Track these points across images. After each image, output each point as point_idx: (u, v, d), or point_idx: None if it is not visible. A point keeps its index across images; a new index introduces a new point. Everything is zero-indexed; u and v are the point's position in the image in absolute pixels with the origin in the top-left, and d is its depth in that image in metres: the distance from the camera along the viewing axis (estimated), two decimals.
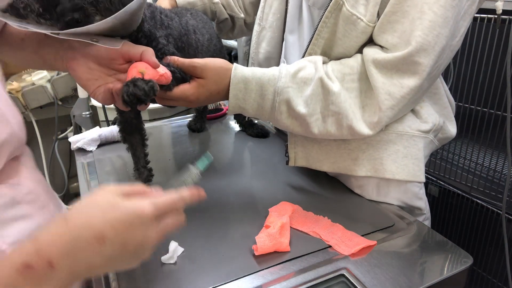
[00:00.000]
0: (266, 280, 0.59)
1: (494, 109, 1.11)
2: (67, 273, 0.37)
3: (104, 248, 0.39)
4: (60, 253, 0.37)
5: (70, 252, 0.37)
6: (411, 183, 0.78)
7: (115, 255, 0.40)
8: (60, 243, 0.37)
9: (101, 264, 0.39)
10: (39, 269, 0.35)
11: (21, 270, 0.35)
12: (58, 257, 0.37)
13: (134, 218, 0.40)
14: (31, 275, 0.35)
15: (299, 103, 0.70)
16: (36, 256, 0.36)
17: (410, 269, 0.61)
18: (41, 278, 0.36)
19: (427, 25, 0.62)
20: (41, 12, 0.56)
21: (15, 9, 0.56)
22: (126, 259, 0.42)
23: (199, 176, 0.59)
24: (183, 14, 0.83)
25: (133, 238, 0.40)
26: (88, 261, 0.38)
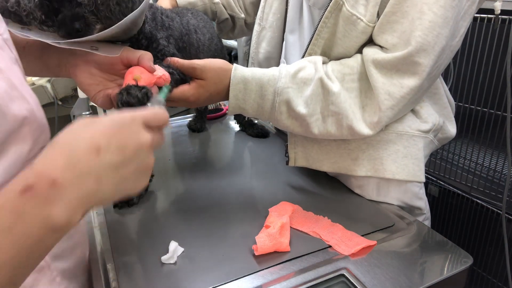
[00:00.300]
0: (266, 280, 0.59)
1: (494, 109, 1.11)
2: (75, 190, 0.35)
3: (102, 156, 0.37)
4: (59, 169, 0.35)
5: (69, 166, 0.35)
6: (411, 183, 0.78)
7: (117, 162, 0.38)
8: (57, 160, 0.35)
9: (107, 176, 0.38)
10: (41, 189, 0.34)
11: (23, 192, 0.33)
12: (59, 174, 0.35)
13: (122, 121, 0.40)
14: (34, 196, 0.33)
15: (299, 104, 0.70)
16: (35, 177, 0.34)
17: (410, 269, 0.61)
18: (46, 198, 0.34)
19: (427, 25, 0.62)
20: (44, 20, 0.57)
21: (18, 16, 0.56)
22: (131, 166, 0.40)
23: (163, 106, 0.58)
24: (184, 14, 0.83)
25: (128, 140, 0.40)
26: (93, 174, 0.37)
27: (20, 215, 0.33)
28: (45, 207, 0.34)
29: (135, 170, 0.40)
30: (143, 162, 0.41)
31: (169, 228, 0.72)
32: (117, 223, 0.74)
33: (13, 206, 0.33)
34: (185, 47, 0.77)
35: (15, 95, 0.40)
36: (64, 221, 0.35)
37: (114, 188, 0.39)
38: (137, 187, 0.42)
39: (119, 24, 0.56)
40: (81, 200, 0.36)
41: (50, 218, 0.34)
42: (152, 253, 0.65)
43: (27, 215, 0.33)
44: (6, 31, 0.46)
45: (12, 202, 0.33)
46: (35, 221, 0.34)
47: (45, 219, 0.34)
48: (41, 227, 0.34)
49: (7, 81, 0.40)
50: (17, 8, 0.55)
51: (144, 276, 0.60)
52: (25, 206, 0.33)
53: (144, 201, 0.81)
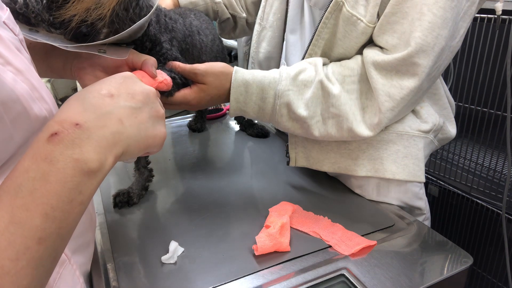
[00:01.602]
0: (266, 280, 0.59)
1: (494, 109, 1.11)
2: (100, 129, 0.37)
3: (116, 100, 0.39)
4: (79, 113, 0.36)
5: (88, 109, 0.37)
6: (411, 183, 0.78)
7: (131, 105, 0.41)
8: (75, 107, 0.37)
9: (127, 114, 0.40)
10: (66, 133, 0.35)
11: (50, 139, 0.34)
12: (80, 117, 0.36)
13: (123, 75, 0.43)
14: (61, 140, 0.34)
15: (299, 106, 0.70)
16: (58, 124, 0.35)
17: (410, 269, 0.61)
18: (73, 141, 0.35)
19: (427, 26, 0.62)
20: (52, 22, 0.57)
21: (26, 18, 0.56)
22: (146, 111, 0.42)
23: None
24: (187, 15, 0.83)
25: (134, 88, 0.43)
26: (113, 114, 0.38)
27: (51, 162, 0.33)
28: (74, 150, 0.34)
29: (150, 116, 0.43)
30: (154, 109, 0.44)
31: (169, 228, 0.72)
32: (117, 223, 0.74)
33: (43, 155, 0.33)
34: (188, 48, 0.77)
35: (36, 96, 0.41)
36: (96, 163, 0.35)
37: (137, 130, 0.41)
38: (156, 134, 0.44)
39: (128, 30, 0.56)
40: (109, 140, 0.37)
41: (82, 160, 0.35)
42: (152, 253, 0.65)
43: (58, 160, 0.33)
44: (21, 32, 0.47)
45: (41, 151, 0.33)
46: (68, 166, 0.34)
47: (76, 161, 0.34)
48: (74, 171, 0.34)
49: (28, 83, 0.40)
50: (26, 9, 0.56)
51: (144, 276, 0.60)
52: (54, 152, 0.34)
53: (144, 201, 0.81)
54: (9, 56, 0.39)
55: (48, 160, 0.33)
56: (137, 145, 0.41)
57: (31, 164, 0.33)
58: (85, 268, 0.54)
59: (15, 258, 0.30)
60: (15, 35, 0.44)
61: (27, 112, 0.39)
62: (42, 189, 0.32)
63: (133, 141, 0.40)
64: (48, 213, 0.32)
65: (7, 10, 0.45)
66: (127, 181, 0.88)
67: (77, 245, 0.50)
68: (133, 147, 0.41)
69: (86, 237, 0.54)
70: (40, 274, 0.32)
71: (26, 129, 0.39)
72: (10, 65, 0.39)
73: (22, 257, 0.30)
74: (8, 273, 0.29)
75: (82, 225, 0.51)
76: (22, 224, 0.31)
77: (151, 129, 0.43)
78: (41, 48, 0.64)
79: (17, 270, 0.30)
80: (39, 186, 0.32)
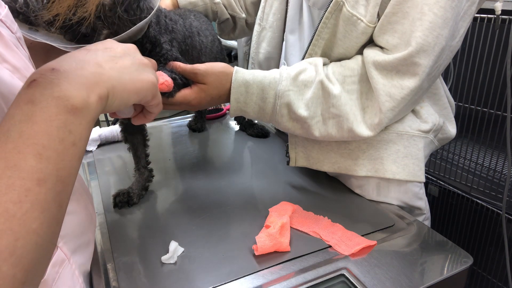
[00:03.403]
0: (266, 280, 0.59)
1: (494, 109, 1.11)
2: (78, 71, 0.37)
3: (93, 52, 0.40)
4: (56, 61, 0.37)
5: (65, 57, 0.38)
6: (411, 183, 0.78)
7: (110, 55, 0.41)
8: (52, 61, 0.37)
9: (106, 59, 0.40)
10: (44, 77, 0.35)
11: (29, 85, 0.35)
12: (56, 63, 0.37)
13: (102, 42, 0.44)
14: (39, 84, 0.35)
15: (300, 106, 0.70)
16: (36, 74, 0.35)
17: (410, 269, 0.61)
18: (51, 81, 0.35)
19: (427, 26, 0.62)
20: (52, 21, 0.57)
21: (26, 17, 0.56)
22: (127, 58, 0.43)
23: None
24: (186, 16, 0.83)
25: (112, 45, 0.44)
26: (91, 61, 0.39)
27: (33, 103, 0.33)
28: (53, 89, 0.35)
29: (132, 63, 0.43)
30: (136, 58, 0.44)
31: (169, 228, 0.72)
32: (117, 223, 0.74)
33: (24, 98, 0.34)
34: (188, 49, 0.77)
35: None
36: (78, 99, 0.35)
37: (118, 73, 0.41)
38: (144, 79, 0.44)
39: (128, 32, 0.56)
40: (88, 78, 0.37)
41: (63, 97, 0.35)
42: (152, 253, 0.65)
43: (40, 101, 0.34)
44: (19, 30, 0.47)
45: (22, 96, 0.34)
46: (50, 104, 0.34)
47: (58, 99, 0.34)
48: (58, 109, 0.34)
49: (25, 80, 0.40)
50: (26, 9, 0.56)
51: (144, 276, 0.60)
52: (35, 94, 0.34)
53: (144, 201, 0.81)
54: (6, 53, 0.39)
55: (30, 102, 0.33)
56: (123, 87, 0.41)
57: (15, 109, 0.33)
58: (84, 268, 0.54)
59: (17, 200, 0.30)
60: (13, 33, 0.44)
61: None
62: (29, 130, 0.32)
63: (117, 83, 0.40)
64: (41, 153, 0.32)
65: (5, 7, 0.45)
66: (127, 181, 0.88)
67: (77, 245, 0.50)
68: (119, 89, 0.40)
69: (86, 237, 0.54)
70: (48, 219, 0.32)
71: None
72: (7, 63, 0.39)
73: (25, 199, 0.30)
74: (15, 216, 0.29)
75: (82, 225, 0.51)
76: (17, 167, 0.31)
77: (135, 73, 0.43)
78: (41, 48, 0.64)
79: (22, 212, 0.30)
80: (26, 128, 0.32)
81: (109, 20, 0.57)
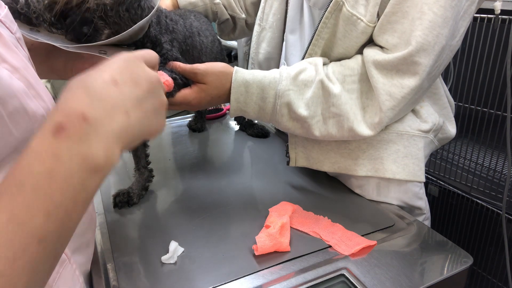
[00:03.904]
0: (266, 280, 0.59)
1: (494, 109, 1.11)
2: (108, 124, 0.34)
3: (121, 88, 0.37)
4: (86, 104, 0.33)
5: (94, 99, 0.34)
6: (411, 182, 0.78)
7: (136, 94, 0.38)
8: (80, 97, 0.34)
9: (132, 106, 0.37)
10: (73, 127, 0.32)
11: (56, 133, 0.31)
12: (87, 109, 0.33)
13: (127, 58, 0.40)
14: (68, 136, 0.32)
15: (300, 106, 0.70)
16: (64, 116, 0.32)
17: (410, 269, 0.61)
18: (81, 136, 0.32)
19: (427, 25, 0.62)
20: (53, 22, 0.57)
21: (27, 18, 0.56)
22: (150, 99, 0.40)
23: None
24: (187, 16, 0.83)
25: (138, 73, 0.40)
26: (120, 106, 0.36)
27: (58, 158, 0.31)
28: (82, 146, 0.32)
29: (153, 106, 0.40)
30: (158, 98, 0.41)
31: (169, 228, 0.72)
32: (117, 223, 0.74)
33: (49, 150, 0.31)
34: (188, 50, 0.77)
35: (32, 94, 0.41)
36: (103, 159, 0.33)
37: (140, 123, 0.38)
38: (158, 125, 0.42)
39: (129, 31, 0.56)
40: (116, 135, 0.35)
41: (89, 157, 0.33)
42: (152, 253, 0.65)
43: (64, 157, 0.31)
44: (19, 31, 0.46)
45: (46, 146, 0.31)
46: (74, 162, 0.32)
47: (84, 158, 0.32)
48: (81, 168, 0.32)
49: (24, 80, 0.40)
50: (27, 9, 0.56)
51: (144, 276, 0.60)
52: (61, 148, 0.31)
53: (144, 201, 0.81)
54: (5, 53, 0.39)
55: (54, 156, 0.31)
56: (138, 137, 0.39)
57: (35, 160, 0.31)
58: (85, 268, 0.54)
59: (12, 258, 0.28)
60: (12, 33, 0.44)
61: (24, 108, 0.38)
62: (46, 186, 0.30)
63: (136, 134, 0.39)
64: (51, 211, 0.30)
65: (5, 8, 0.45)
66: (127, 181, 0.88)
67: (77, 245, 0.50)
68: (135, 139, 0.39)
69: (86, 237, 0.54)
70: (38, 275, 0.31)
71: (25, 126, 0.39)
72: (6, 63, 0.39)
73: (20, 257, 0.29)
74: (2, 274, 0.28)
75: (82, 225, 0.51)
76: (23, 223, 0.29)
77: (154, 121, 0.41)
78: (42, 49, 0.64)
79: (13, 270, 0.28)
80: (44, 183, 0.30)
81: (111, 19, 0.57)
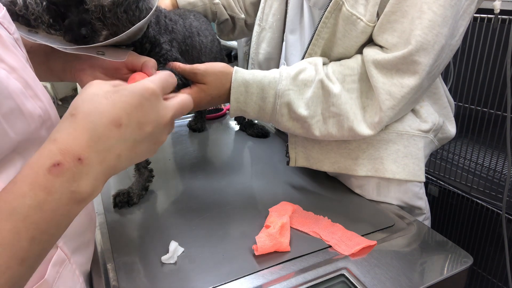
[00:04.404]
0: (266, 280, 0.59)
1: (494, 109, 1.11)
2: (98, 165, 0.37)
3: (123, 131, 0.39)
4: (84, 145, 0.36)
5: (93, 142, 0.37)
6: (411, 182, 0.78)
7: (135, 137, 0.40)
8: (81, 137, 0.36)
9: (127, 149, 0.40)
10: (69, 166, 0.35)
11: (52, 170, 0.34)
12: (84, 150, 0.36)
13: (142, 98, 0.40)
14: (62, 173, 0.35)
15: (300, 105, 0.70)
16: (62, 154, 0.35)
17: (410, 269, 0.61)
18: (74, 175, 0.35)
19: (427, 24, 0.63)
20: (51, 23, 0.57)
21: (26, 20, 0.56)
22: (147, 142, 0.42)
23: None
24: (186, 16, 0.83)
25: (147, 118, 0.41)
26: (114, 150, 0.38)
27: (49, 193, 0.34)
28: (73, 184, 0.35)
29: (148, 148, 0.42)
30: (157, 138, 0.43)
31: (169, 228, 0.72)
32: (117, 223, 0.74)
33: (42, 184, 0.34)
34: (187, 50, 0.77)
35: (30, 94, 0.41)
36: (89, 194, 0.37)
37: (129, 162, 0.41)
38: (144, 157, 0.44)
39: (127, 32, 0.56)
40: (104, 174, 0.38)
41: (77, 192, 0.36)
42: (152, 253, 0.65)
43: (56, 192, 0.34)
44: (17, 31, 0.47)
45: (41, 180, 0.34)
46: (64, 197, 0.35)
47: (73, 194, 0.35)
48: (69, 202, 0.35)
49: (22, 80, 0.40)
50: (25, 11, 0.56)
51: (144, 276, 0.60)
52: (54, 184, 0.34)
53: (144, 201, 0.81)
54: (2, 53, 0.40)
55: (46, 190, 0.34)
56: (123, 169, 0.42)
57: (28, 190, 0.33)
58: (85, 268, 0.54)
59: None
60: (10, 34, 0.44)
61: (20, 108, 0.38)
62: (35, 216, 0.33)
63: (123, 168, 0.41)
64: (36, 237, 0.33)
65: (3, 9, 0.45)
66: (127, 181, 0.88)
67: (77, 245, 0.50)
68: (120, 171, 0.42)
69: (86, 237, 0.54)
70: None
71: (22, 127, 0.39)
72: (3, 63, 0.39)
73: (2, 276, 0.31)
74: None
75: (82, 225, 0.51)
76: (8, 246, 0.31)
77: (142, 157, 0.43)
78: (41, 51, 0.64)
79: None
80: (33, 213, 0.33)
81: (109, 21, 0.57)
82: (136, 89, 0.41)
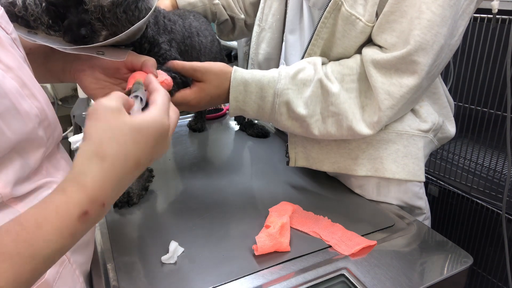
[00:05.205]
0: (266, 280, 0.59)
1: (494, 109, 1.11)
2: (113, 200, 0.41)
3: (140, 169, 0.43)
4: (109, 193, 0.39)
5: (116, 187, 0.40)
6: (411, 182, 0.78)
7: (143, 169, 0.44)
8: (108, 185, 0.39)
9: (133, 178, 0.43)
10: (94, 212, 0.38)
11: (81, 218, 0.37)
12: (108, 197, 0.39)
13: (160, 137, 0.44)
14: (88, 220, 0.38)
15: (299, 105, 0.70)
16: (91, 203, 0.38)
17: (410, 269, 0.61)
18: (97, 217, 0.39)
19: (426, 24, 0.63)
20: (51, 24, 0.57)
21: (25, 21, 0.57)
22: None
23: None
24: (186, 16, 0.83)
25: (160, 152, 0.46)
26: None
27: (73, 236, 0.37)
28: (93, 224, 0.40)
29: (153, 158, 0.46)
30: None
31: (169, 228, 0.72)
32: (117, 223, 0.74)
33: (70, 232, 0.37)
34: (187, 50, 0.77)
35: (26, 93, 0.41)
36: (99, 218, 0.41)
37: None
38: None
39: (127, 32, 0.56)
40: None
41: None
42: (152, 253, 0.65)
43: (79, 234, 0.38)
44: (15, 31, 0.47)
45: (70, 228, 0.37)
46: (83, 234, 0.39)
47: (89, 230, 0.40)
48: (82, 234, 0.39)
49: (18, 80, 0.41)
50: (25, 12, 0.56)
51: (144, 276, 0.60)
52: (80, 229, 0.38)
53: (144, 201, 0.81)
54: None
55: (72, 235, 0.37)
56: None
57: (55, 237, 0.35)
58: (84, 267, 0.54)
59: None
60: (8, 34, 0.45)
61: (16, 107, 0.39)
62: (57, 257, 0.37)
63: None
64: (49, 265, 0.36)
65: (0, 9, 0.45)
66: None
67: (76, 245, 0.50)
68: None
69: (86, 237, 0.54)
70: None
71: (18, 126, 0.39)
72: (0, 62, 0.39)
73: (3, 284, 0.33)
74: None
75: None
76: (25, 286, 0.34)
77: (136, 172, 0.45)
78: (40, 53, 0.64)
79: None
80: (56, 255, 0.36)
81: (108, 21, 0.57)
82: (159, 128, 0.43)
